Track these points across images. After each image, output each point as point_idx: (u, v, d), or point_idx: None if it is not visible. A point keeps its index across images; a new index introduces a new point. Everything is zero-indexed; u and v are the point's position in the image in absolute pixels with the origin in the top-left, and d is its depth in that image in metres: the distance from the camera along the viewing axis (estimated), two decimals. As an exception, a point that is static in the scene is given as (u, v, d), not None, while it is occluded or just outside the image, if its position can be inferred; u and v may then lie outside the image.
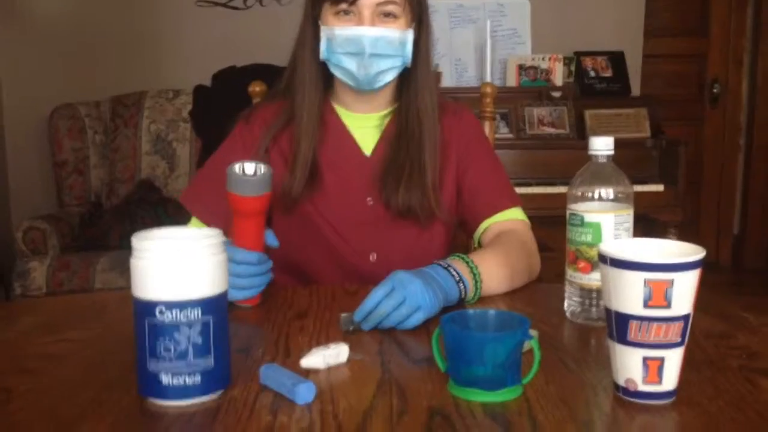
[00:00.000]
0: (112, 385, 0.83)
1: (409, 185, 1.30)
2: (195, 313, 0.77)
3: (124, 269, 2.68)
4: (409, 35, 1.29)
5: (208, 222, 1.28)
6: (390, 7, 1.26)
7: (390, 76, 1.30)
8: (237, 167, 1.08)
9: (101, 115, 3.35)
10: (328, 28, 1.27)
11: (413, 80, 1.34)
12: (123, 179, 3.28)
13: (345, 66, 1.27)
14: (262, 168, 1.09)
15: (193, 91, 3.33)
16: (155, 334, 0.76)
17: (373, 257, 1.34)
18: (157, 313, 0.76)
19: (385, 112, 1.38)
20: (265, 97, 1.43)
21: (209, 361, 0.78)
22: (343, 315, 1.02)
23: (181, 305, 0.76)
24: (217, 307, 0.79)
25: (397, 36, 1.27)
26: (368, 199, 1.34)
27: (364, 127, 1.37)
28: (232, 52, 3.38)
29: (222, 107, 3.23)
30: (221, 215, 1.26)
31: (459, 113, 1.41)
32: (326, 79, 1.34)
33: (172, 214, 3.07)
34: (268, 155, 1.33)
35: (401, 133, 1.34)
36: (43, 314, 1.16)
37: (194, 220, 1.34)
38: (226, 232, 1.31)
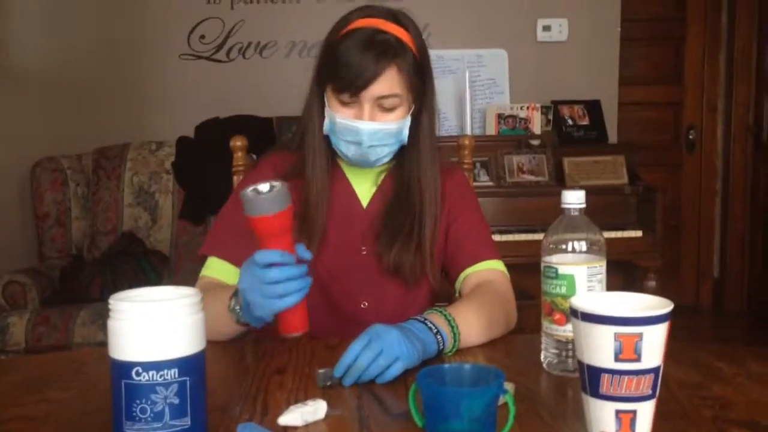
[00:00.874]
0: (89, 447, 0.82)
1: (404, 246, 1.33)
2: (172, 374, 0.77)
3: (104, 322, 2.65)
4: (407, 122, 1.32)
5: (234, 261, 1.31)
6: (391, 101, 1.27)
7: (387, 159, 1.35)
8: (249, 190, 1.01)
9: (83, 167, 3.36)
10: (330, 111, 1.30)
11: (415, 151, 1.36)
12: (105, 231, 3.27)
13: (343, 150, 1.32)
14: (276, 184, 1.02)
15: (176, 143, 3.35)
16: (131, 395, 0.76)
17: (364, 305, 1.37)
18: (133, 375, 0.76)
19: (383, 167, 1.40)
20: (275, 148, 1.46)
21: (186, 422, 0.78)
22: (320, 371, 1.02)
23: (158, 366, 0.76)
24: (194, 366, 0.79)
25: (395, 127, 1.30)
26: (363, 249, 1.37)
27: (363, 180, 1.41)
28: (216, 103, 3.42)
29: (205, 158, 3.26)
30: (247, 251, 1.30)
31: (451, 172, 1.45)
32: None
33: (156, 266, 3.07)
34: None
35: (399, 196, 1.37)
36: (21, 373, 1.15)
37: (215, 264, 1.33)
38: None
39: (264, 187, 1.02)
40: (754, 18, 4.29)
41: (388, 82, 1.26)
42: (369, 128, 1.27)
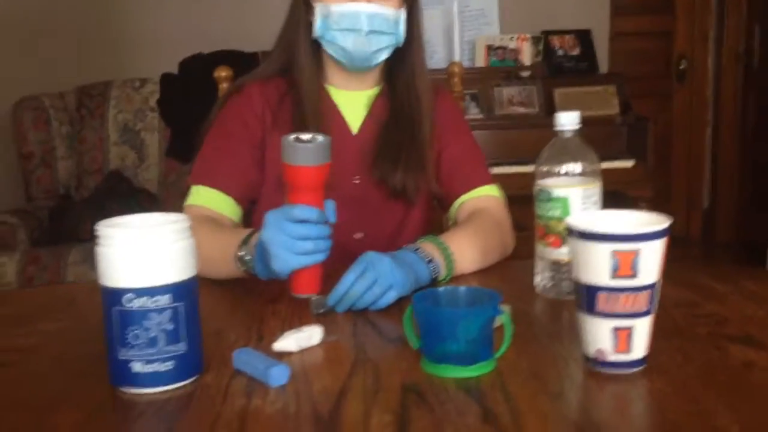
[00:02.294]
0: (84, 376, 0.82)
1: (408, 166, 1.31)
2: (164, 299, 0.76)
3: (95, 263, 2.65)
4: (402, 15, 1.29)
5: (226, 189, 1.27)
6: None
7: (384, 55, 1.30)
8: (292, 137, 0.98)
9: (66, 105, 3.29)
10: (323, 5, 1.26)
11: (408, 61, 1.34)
12: (91, 171, 3.24)
13: (340, 43, 1.27)
14: (320, 137, 0.99)
15: (159, 80, 3.29)
16: (124, 322, 0.76)
17: (358, 236, 1.35)
18: (125, 302, 0.75)
19: (373, 91, 1.37)
20: (252, 75, 1.38)
21: (181, 347, 0.77)
22: (314, 298, 1.02)
23: (151, 291, 0.75)
24: (187, 291, 0.78)
25: (392, 14, 1.27)
26: (355, 177, 1.33)
27: (352, 105, 1.37)
28: (199, 39, 3.34)
29: (189, 95, 3.20)
30: (243, 184, 1.29)
31: (440, 93, 1.42)
32: (319, 57, 1.34)
33: (144, 205, 3.04)
34: (273, 132, 1.31)
35: (397, 111, 1.34)
36: (12, 306, 1.15)
37: (202, 192, 1.28)
38: (247, 198, 1.30)
39: (306, 136, 0.99)
40: (748, -57, 4.20)
41: None
42: (368, 10, 1.25)
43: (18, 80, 3.31)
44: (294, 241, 0.97)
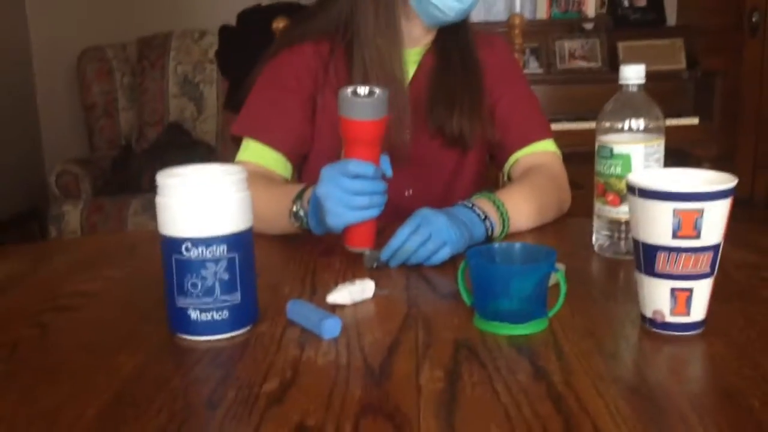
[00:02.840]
0: (145, 321, 0.84)
1: (463, 110, 1.28)
2: (221, 250, 0.77)
3: (155, 212, 2.71)
4: None
5: (277, 145, 1.26)
6: None
7: (473, 6, 1.27)
8: (349, 90, 0.97)
9: (128, 57, 3.34)
10: None
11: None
12: (152, 122, 3.29)
13: (446, 1, 1.23)
14: (377, 90, 0.98)
15: (218, 32, 3.30)
16: (182, 270, 0.77)
17: (408, 192, 1.33)
18: (183, 250, 0.77)
19: (422, 48, 1.35)
20: (302, 28, 1.34)
21: (236, 297, 0.79)
22: (368, 252, 1.02)
23: (207, 242, 0.77)
24: (243, 243, 0.79)
25: None
26: (406, 132, 1.32)
27: (407, 57, 1.33)
28: (257, -10, 3.34)
29: (248, 47, 3.21)
30: (294, 139, 1.28)
31: (492, 42, 1.39)
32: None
33: (203, 156, 3.09)
34: (325, 89, 1.29)
35: (448, 61, 1.31)
36: (76, 253, 1.18)
37: (252, 148, 1.28)
38: (298, 154, 1.30)
39: (363, 89, 0.98)
40: None
41: None
42: None
43: (82, 31, 3.37)
44: (350, 196, 0.97)
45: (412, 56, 1.34)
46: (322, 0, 1.33)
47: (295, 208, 1.09)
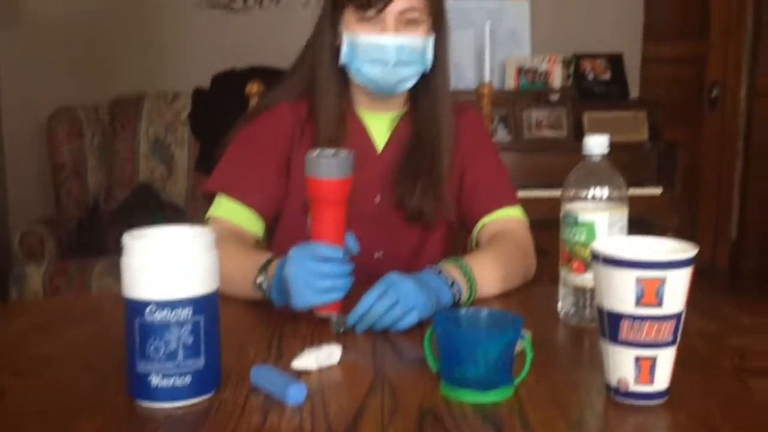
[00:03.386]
0: (105, 386, 0.83)
1: (425, 189, 1.30)
2: (186, 313, 0.76)
3: (120, 275, 2.68)
4: (430, 42, 1.29)
5: (249, 203, 1.27)
6: (413, 15, 1.24)
7: (410, 83, 1.30)
8: (315, 152, 1.01)
9: (100, 118, 3.34)
10: (350, 34, 1.26)
11: (432, 85, 1.33)
12: (121, 183, 3.28)
13: (367, 74, 1.26)
14: (343, 152, 1.01)
15: (192, 94, 3.33)
16: (145, 333, 0.76)
17: (378, 255, 1.34)
18: (147, 313, 0.76)
19: (398, 112, 1.37)
20: (278, 92, 1.38)
21: (200, 362, 0.78)
22: (335, 317, 1.01)
23: (172, 304, 0.76)
24: (208, 305, 0.78)
25: (420, 43, 1.26)
26: (376, 197, 1.33)
27: (378, 125, 1.37)
28: (231, 54, 3.38)
29: (221, 110, 3.23)
30: (267, 198, 1.29)
31: (464, 110, 1.42)
32: (345, 79, 1.33)
33: (171, 218, 3.07)
34: (300, 150, 1.30)
35: (419, 136, 1.34)
36: (37, 315, 1.16)
37: (225, 204, 1.28)
38: (270, 213, 1.31)
39: (329, 151, 1.01)
40: (784, -28, 4.16)
41: None
42: (395, 43, 1.24)
43: (54, 92, 3.37)
44: (316, 279, 0.98)
45: (387, 120, 1.36)
46: (295, 63, 1.37)
47: (259, 280, 1.10)
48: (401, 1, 1.23)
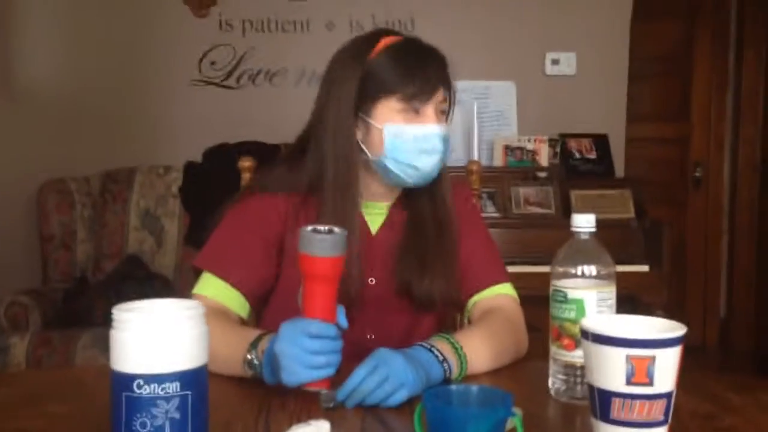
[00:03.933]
0: (86, 462, 0.81)
1: (434, 276, 1.29)
2: (174, 387, 0.75)
3: (106, 346, 2.63)
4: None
5: (236, 284, 1.25)
6: (444, 105, 1.29)
7: (438, 171, 1.30)
8: (309, 228, 1.01)
9: (91, 190, 3.36)
10: (393, 126, 1.24)
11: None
12: (110, 255, 3.27)
13: (414, 163, 1.25)
14: (337, 229, 1.01)
15: (183, 168, 3.36)
16: (132, 408, 0.75)
17: (370, 336, 1.33)
18: (134, 387, 0.75)
19: (389, 201, 1.37)
20: (279, 182, 1.33)
21: (186, 437, 0.76)
22: (324, 392, 1.00)
23: (160, 378, 0.75)
24: (196, 380, 0.78)
25: (449, 132, 1.29)
26: (371, 279, 1.32)
27: (373, 210, 1.36)
28: (224, 129, 3.44)
29: (212, 184, 3.27)
30: (254, 280, 1.27)
31: (456, 187, 1.41)
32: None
33: (159, 290, 3.05)
34: (293, 231, 1.25)
35: (420, 220, 1.33)
36: (20, 387, 1.14)
37: (211, 283, 1.26)
38: (256, 295, 1.29)
39: (323, 228, 1.01)
40: (762, 56, 4.31)
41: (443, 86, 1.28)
42: (442, 132, 1.26)
43: (46, 163, 3.39)
44: (307, 355, 0.98)
45: (377, 209, 1.36)
46: (292, 159, 1.34)
47: (249, 357, 1.08)
48: (440, 91, 1.26)
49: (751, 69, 4.33)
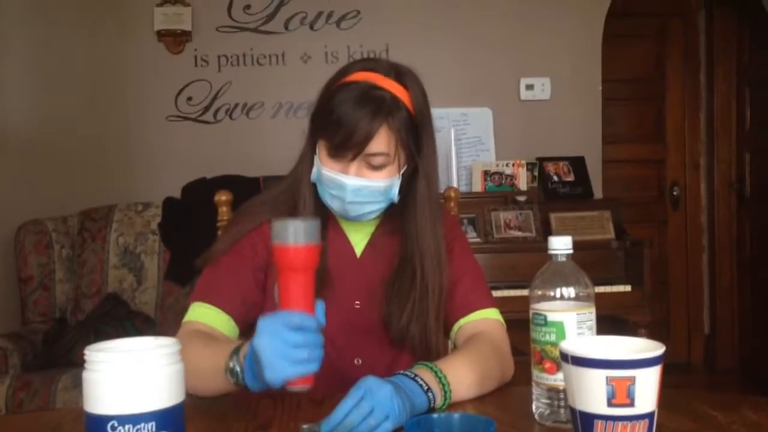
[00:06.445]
0: None
1: (412, 314, 1.29)
2: (149, 427, 0.74)
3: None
4: (396, 181, 1.28)
5: (229, 309, 1.27)
6: (379, 159, 1.24)
7: (373, 215, 1.31)
8: (282, 218, 0.97)
9: (69, 229, 3.33)
10: (318, 161, 1.28)
11: (411, 213, 1.33)
12: (89, 294, 3.23)
13: (328, 201, 1.30)
14: (309, 218, 0.98)
15: (162, 203, 3.34)
16: (107, 450, 0.73)
17: (358, 361, 1.32)
18: (108, 429, 0.73)
19: (376, 223, 1.38)
20: (264, 207, 1.36)
21: (164, 479, 0.75)
22: (305, 426, 0.99)
23: (135, 419, 0.73)
24: (173, 419, 0.76)
25: (382, 186, 1.27)
26: (356, 303, 1.33)
27: (356, 231, 1.37)
28: (202, 164, 3.43)
29: (191, 219, 3.25)
30: (243, 304, 1.29)
31: (441, 215, 1.41)
32: None
33: (140, 328, 3.01)
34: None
35: (403, 255, 1.33)
36: (-5, 435, 1.11)
37: (199, 309, 1.28)
38: (244, 319, 1.28)
39: (296, 219, 0.98)
40: (732, 76, 4.39)
41: (379, 141, 1.23)
42: (353, 184, 1.25)
43: (23, 204, 3.36)
44: (290, 348, 0.93)
45: (360, 232, 1.37)
46: (273, 183, 1.39)
47: (231, 364, 1.06)
48: (373, 147, 1.23)
49: (722, 87, 4.40)
